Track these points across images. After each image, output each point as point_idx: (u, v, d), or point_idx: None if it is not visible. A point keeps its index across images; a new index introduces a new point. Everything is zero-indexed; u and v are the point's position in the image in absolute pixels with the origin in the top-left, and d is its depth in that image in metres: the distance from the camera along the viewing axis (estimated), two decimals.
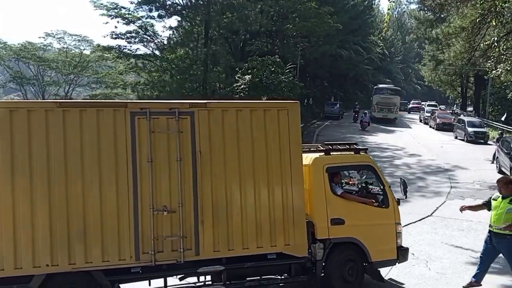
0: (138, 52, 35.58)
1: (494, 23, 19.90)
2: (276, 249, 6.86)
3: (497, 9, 17.55)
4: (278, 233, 6.83)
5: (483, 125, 32.45)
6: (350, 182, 9.00)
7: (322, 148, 8.15)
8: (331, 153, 7.78)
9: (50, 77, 64.02)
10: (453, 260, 9.75)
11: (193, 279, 7.04)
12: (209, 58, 31.56)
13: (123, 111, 6.37)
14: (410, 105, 56.01)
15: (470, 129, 30.00)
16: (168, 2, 33.79)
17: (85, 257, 6.11)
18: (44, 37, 62.77)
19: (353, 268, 7.48)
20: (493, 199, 7.45)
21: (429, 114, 42.65)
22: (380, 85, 44.68)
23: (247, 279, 7.00)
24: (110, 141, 6.28)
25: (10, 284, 5.89)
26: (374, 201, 7.87)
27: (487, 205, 7.63)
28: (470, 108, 54.14)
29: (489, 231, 7.39)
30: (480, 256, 7.67)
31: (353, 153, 8.00)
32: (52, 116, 6.06)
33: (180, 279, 6.95)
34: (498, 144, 22.07)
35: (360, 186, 8.72)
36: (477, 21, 23.12)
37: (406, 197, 8.28)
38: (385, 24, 55.19)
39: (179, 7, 33.82)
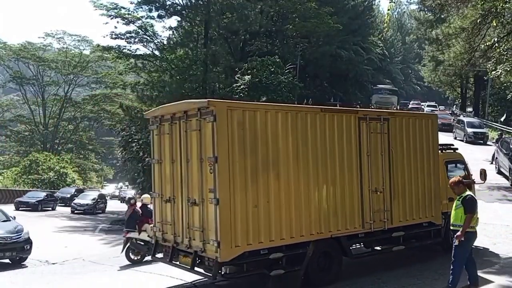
0: (138, 52, 35.48)
1: (494, 24, 19.89)
2: (427, 219, 9.49)
3: (498, 9, 17.54)
4: (428, 207, 9.49)
5: (482, 126, 32.46)
6: None
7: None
8: (443, 151, 10.61)
9: (50, 77, 64.08)
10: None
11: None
12: (208, 58, 31.49)
13: (355, 116, 8.49)
14: (410, 106, 55.93)
15: (469, 130, 29.99)
16: (168, 2, 33.75)
17: (337, 226, 8.03)
18: (43, 37, 62.99)
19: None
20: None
21: None
22: (379, 86, 46.08)
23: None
24: (348, 138, 8.33)
25: (295, 250, 7.53)
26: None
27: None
28: (469, 109, 54.12)
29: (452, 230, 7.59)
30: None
31: (452, 151, 11.15)
32: (317, 118, 7.98)
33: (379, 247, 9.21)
34: (497, 144, 22.05)
35: None
36: (477, 21, 23.08)
37: (484, 182, 11.25)
38: (385, 25, 55.34)
39: (179, 7, 33.77)
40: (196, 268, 7.40)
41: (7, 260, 13.01)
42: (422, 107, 52.63)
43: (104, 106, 61.81)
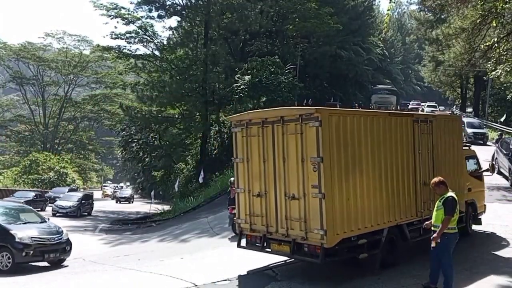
0: (138, 52, 35.60)
1: (494, 24, 19.86)
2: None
3: (498, 10, 17.50)
4: (470, 197, 11.49)
5: (482, 126, 32.42)
6: None
7: None
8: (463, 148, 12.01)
9: (50, 77, 64.11)
10: None
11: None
12: (208, 59, 31.52)
13: (411, 119, 9.71)
14: (410, 106, 55.83)
15: (469, 130, 29.93)
16: (168, 3, 33.82)
17: (400, 215, 9.15)
18: (43, 37, 63.18)
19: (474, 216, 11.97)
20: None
21: None
22: (378, 86, 46.80)
23: None
24: (407, 138, 9.48)
25: (374, 236, 8.59)
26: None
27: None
28: (469, 109, 54.10)
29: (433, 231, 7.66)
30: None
31: (467, 148, 12.75)
32: (386, 121, 9.10)
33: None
34: (497, 145, 22.04)
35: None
36: (478, 22, 23.07)
37: (492, 174, 13.50)
38: (385, 25, 55.40)
39: (179, 7, 33.81)
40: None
41: (44, 263, 12.58)
42: (422, 107, 52.61)
43: (104, 106, 61.87)
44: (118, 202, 50.98)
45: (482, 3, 18.40)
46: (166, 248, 14.82)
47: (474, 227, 12.06)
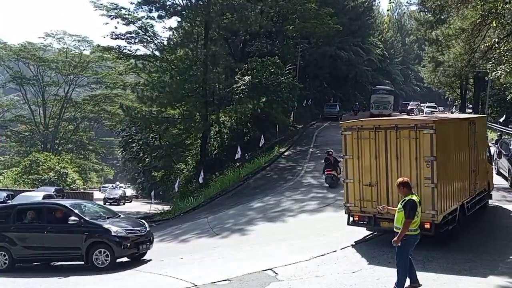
0: (138, 53, 35.58)
1: (494, 25, 19.87)
2: (486, 187, 13.92)
3: (498, 10, 17.53)
4: (485, 180, 13.91)
5: None
6: None
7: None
8: None
9: (50, 77, 64.07)
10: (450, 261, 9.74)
11: None
12: (208, 59, 31.51)
13: (468, 121, 12.51)
14: (409, 107, 55.74)
15: None
16: (168, 3, 33.78)
17: (464, 196, 11.60)
18: (44, 37, 63.09)
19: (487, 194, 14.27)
20: None
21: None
22: (377, 87, 48.50)
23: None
24: (468, 136, 12.23)
25: (453, 213, 10.84)
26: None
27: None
28: (469, 110, 54.07)
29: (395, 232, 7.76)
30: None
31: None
32: (461, 125, 12.11)
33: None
34: (497, 145, 22.05)
35: None
36: (477, 22, 23.05)
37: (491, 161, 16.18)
38: (385, 25, 55.49)
39: (179, 8, 33.79)
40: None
41: (124, 259, 12.43)
42: (422, 108, 52.60)
43: (104, 106, 61.87)
44: (108, 203, 49.02)
45: (482, 3, 18.42)
46: (166, 248, 14.83)
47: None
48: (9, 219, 12.68)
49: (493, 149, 23.02)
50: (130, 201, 52.85)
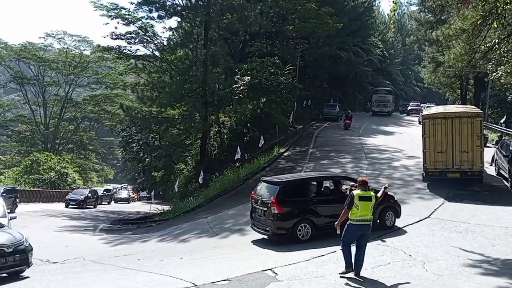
0: (138, 53, 35.53)
1: (495, 25, 19.83)
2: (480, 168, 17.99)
3: (498, 11, 17.50)
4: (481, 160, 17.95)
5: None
6: None
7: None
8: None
9: (51, 77, 64.11)
10: (450, 262, 9.76)
11: None
12: (208, 59, 31.50)
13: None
14: (409, 107, 55.69)
15: None
16: (168, 3, 33.75)
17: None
18: (44, 38, 63.17)
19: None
20: None
21: None
22: (378, 88, 53.68)
23: None
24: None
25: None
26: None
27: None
28: None
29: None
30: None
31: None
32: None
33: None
34: (497, 146, 22.03)
35: None
36: (478, 23, 23.02)
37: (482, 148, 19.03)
38: (391, 26, 56.34)
39: (179, 8, 33.78)
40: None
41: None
42: (422, 108, 52.55)
43: (105, 106, 61.91)
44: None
45: (482, 4, 18.40)
46: (165, 248, 14.85)
47: None
48: None
49: (493, 150, 23.20)
50: (129, 202, 52.56)
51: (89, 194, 37.79)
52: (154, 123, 36.29)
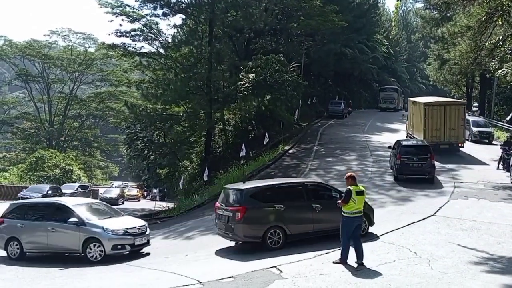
0: (143, 50, 35.51)
1: (500, 22, 19.76)
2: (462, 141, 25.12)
3: (504, 8, 17.40)
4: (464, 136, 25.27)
5: (488, 125, 32.16)
6: None
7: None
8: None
9: (55, 75, 64.31)
10: (456, 260, 9.73)
11: None
12: (213, 57, 31.47)
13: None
14: None
15: (474, 129, 29.66)
16: (173, 0, 33.71)
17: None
18: (49, 35, 63.30)
19: None
20: None
21: None
22: (385, 86, 56.20)
23: None
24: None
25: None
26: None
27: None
28: (475, 108, 53.76)
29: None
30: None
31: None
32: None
33: None
34: (505, 147, 21.76)
35: None
36: (483, 20, 22.96)
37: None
38: (393, 24, 56.87)
39: (183, 5, 33.74)
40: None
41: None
42: None
43: (109, 103, 62.06)
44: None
45: (488, 1, 18.31)
46: (170, 245, 14.88)
47: None
48: None
49: (497, 149, 23.34)
50: (139, 200, 52.30)
51: (49, 192, 31.45)
52: (158, 121, 36.27)
